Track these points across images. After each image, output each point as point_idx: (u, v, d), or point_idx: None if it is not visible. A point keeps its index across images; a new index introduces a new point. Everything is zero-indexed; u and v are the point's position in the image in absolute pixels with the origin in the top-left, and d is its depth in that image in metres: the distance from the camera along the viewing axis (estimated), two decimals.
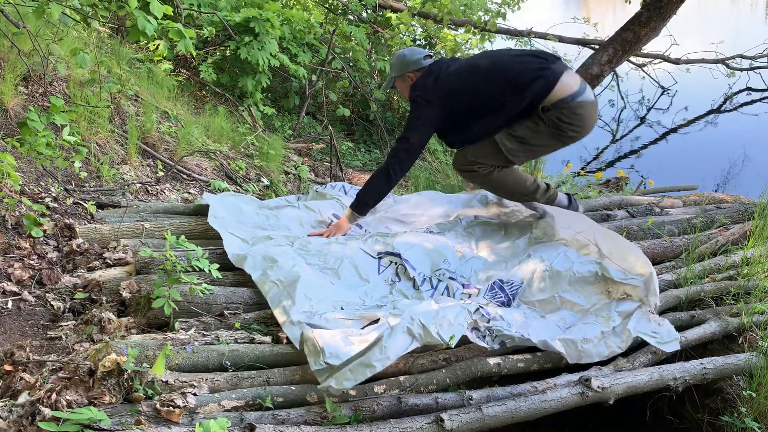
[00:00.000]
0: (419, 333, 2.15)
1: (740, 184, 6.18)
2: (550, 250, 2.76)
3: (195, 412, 1.83)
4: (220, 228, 2.78)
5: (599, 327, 2.40)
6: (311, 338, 2.09)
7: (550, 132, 2.80)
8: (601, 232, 2.81)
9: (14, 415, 1.69)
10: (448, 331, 2.20)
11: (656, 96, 9.18)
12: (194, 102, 5.37)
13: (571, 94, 2.74)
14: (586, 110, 2.78)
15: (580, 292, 2.58)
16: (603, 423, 2.70)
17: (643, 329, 2.39)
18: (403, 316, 2.22)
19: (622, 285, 2.54)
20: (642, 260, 2.61)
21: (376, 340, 2.09)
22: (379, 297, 2.54)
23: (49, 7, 2.20)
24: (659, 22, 6.65)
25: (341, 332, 2.16)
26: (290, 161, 5.09)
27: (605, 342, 2.35)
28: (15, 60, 3.39)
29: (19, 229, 2.68)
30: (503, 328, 2.32)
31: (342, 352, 2.05)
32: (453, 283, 2.63)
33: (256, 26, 5.13)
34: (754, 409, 2.32)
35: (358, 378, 2.00)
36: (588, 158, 7.52)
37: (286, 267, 2.48)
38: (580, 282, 2.60)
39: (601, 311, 2.50)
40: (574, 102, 2.74)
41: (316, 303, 2.35)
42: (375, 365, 2.02)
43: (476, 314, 2.34)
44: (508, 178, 2.95)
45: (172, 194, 3.72)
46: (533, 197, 3.03)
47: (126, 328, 2.20)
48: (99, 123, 3.66)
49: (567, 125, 2.77)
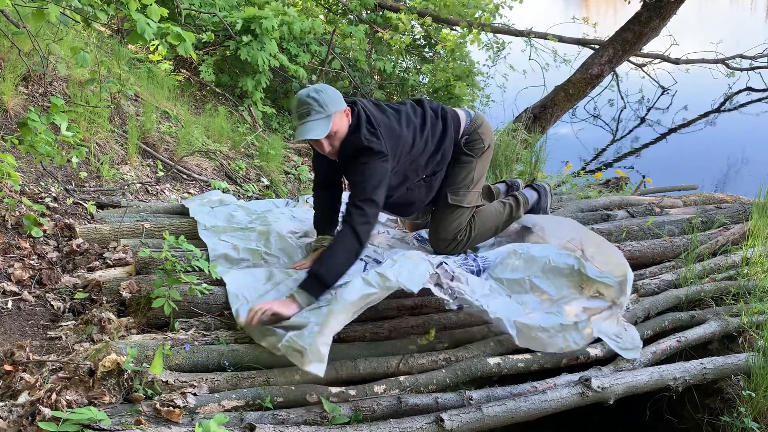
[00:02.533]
0: (376, 281, 2.12)
1: (740, 184, 6.18)
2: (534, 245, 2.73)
3: (195, 412, 1.83)
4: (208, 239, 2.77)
5: (560, 319, 2.34)
6: (289, 346, 2.04)
7: (476, 159, 2.77)
8: (588, 236, 2.76)
9: (14, 415, 1.69)
10: (408, 279, 2.15)
11: (656, 96, 9.18)
12: (194, 102, 5.37)
13: (466, 118, 2.79)
14: (482, 122, 2.84)
15: (552, 281, 2.50)
16: (603, 423, 2.70)
17: (607, 331, 2.36)
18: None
19: (596, 282, 2.46)
20: (621, 262, 2.55)
21: (334, 296, 2.13)
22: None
23: (47, 8, 2.20)
24: (659, 22, 6.66)
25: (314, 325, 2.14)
26: (290, 161, 5.09)
27: (563, 335, 2.30)
28: (15, 60, 3.39)
29: (19, 229, 2.68)
30: (464, 291, 2.28)
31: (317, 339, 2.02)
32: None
33: (256, 26, 5.13)
34: (754, 409, 2.32)
35: (326, 332, 2.00)
36: (588, 158, 7.53)
37: (263, 289, 2.46)
38: (554, 271, 2.52)
39: (568, 304, 2.43)
40: (471, 122, 2.79)
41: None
42: (334, 310, 2.04)
43: (439, 268, 2.28)
44: (486, 223, 2.85)
45: (172, 194, 3.72)
46: (516, 215, 2.97)
47: (126, 328, 2.20)
48: (99, 123, 3.66)
49: (479, 142, 2.78)
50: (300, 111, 2.37)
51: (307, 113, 2.35)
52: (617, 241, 3.03)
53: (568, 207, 3.49)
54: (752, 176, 6.28)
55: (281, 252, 2.79)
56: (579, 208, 3.49)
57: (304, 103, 2.36)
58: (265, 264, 2.71)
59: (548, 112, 7.09)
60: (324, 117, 2.35)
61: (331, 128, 2.37)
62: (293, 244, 2.83)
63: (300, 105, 2.37)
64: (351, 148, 2.42)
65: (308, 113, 2.35)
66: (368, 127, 2.42)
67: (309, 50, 5.96)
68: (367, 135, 2.40)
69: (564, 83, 7.18)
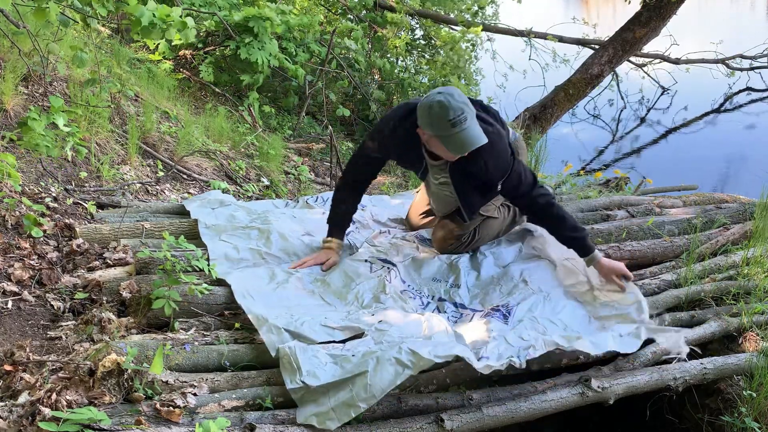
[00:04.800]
0: (410, 360, 1.99)
1: (740, 184, 6.18)
2: (541, 279, 2.67)
3: (195, 412, 1.83)
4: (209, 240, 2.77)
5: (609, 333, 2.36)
6: (287, 354, 2.01)
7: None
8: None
9: (14, 415, 1.69)
10: (444, 352, 2.04)
11: (656, 96, 9.18)
12: (194, 102, 5.37)
13: (512, 134, 2.85)
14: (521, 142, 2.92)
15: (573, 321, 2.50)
16: (603, 423, 2.70)
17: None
18: (388, 340, 2.13)
19: (614, 317, 2.48)
20: (629, 288, 2.57)
21: (360, 374, 1.95)
22: (371, 298, 2.49)
23: (47, 7, 2.20)
24: (659, 22, 6.66)
25: (322, 348, 2.10)
26: (290, 161, 5.09)
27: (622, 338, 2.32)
28: (15, 60, 3.39)
29: (19, 229, 2.68)
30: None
31: (321, 372, 1.96)
32: (444, 305, 2.57)
33: (256, 26, 5.13)
34: (755, 409, 2.32)
35: (342, 419, 1.87)
36: (588, 158, 7.52)
37: (268, 289, 2.45)
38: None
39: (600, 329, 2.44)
40: (515, 140, 2.85)
41: (296, 311, 2.32)
42: (360, 405, 1.89)
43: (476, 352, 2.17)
44: (491, 230, 2.88)
45: (172, 194, 3.72)
46: (519, 221, 3.01)
47: (126, 328, 2.20)
48: (99, 123, 3.66)
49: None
50: (457, 117, 2.31)
51: (465, 119, 2.33)
52: (617, 241, 3.03)
53: (568, 207, 3.49)
54: (752, 176, 6.29)
55: (281, 252, 2.79)
56: (579, 208, 3.49)
57: (458, 109, 2.32)
58: (264, 263, 2.71)
59: (548, 112, 7.09)
60: (473, 118, 2.37)
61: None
62: (294, 244, 2.84)
63: (454, 111, 2.31)
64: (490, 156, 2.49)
65: (466, 118, 2.33)
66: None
67: (309, 50, 5.95)
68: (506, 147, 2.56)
69: (564, 83, 7.18)
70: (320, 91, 6.12)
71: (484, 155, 2.47)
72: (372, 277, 2.60)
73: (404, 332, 2.22)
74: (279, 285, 2.50)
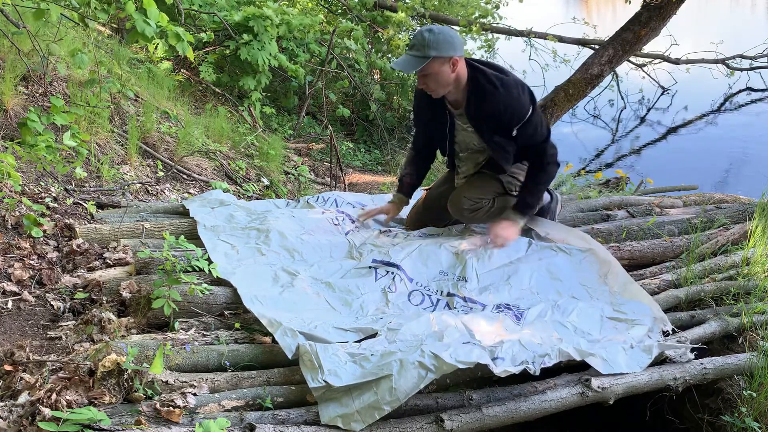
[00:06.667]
0: (433, 364, 2.00)
1: (740, 184, 6.18)
2: (550, 286, 2.66)
3: (195, 412, 1.83)
4: (208, 240, 2.78)
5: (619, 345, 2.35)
6: (308, 352, 2.03)
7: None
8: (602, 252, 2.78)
9: (14, 415, 1.69)
10: (465, 357, 2.06)
11: (656, 96, 9.18)
12: (194, 102, 5.37)
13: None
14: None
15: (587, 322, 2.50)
16: (603, 423, 2.70)
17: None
18: (401, 338, 2.15)
19: (627, 321, 2.48)
20: (647, 299, 2.57)
21: (385, 377, 1.96)
22: (374, 309, 2.47)
23: (48, 8, 2.20)
24: (659, 22, 6.65)
25: (340, 347, 2.11)
26: (290, 161, 5.09)
27: (630, 354, 2.32)
28: (15, 60, 3.39)
29: (19, 229, 2.68)
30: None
31: (342, 372, 1.98)
32: (453, 299, 2.57)
33: (256, 25, 5.13)
34: (755, 409, 2.31)
35: (366, 421, 1.89)
36: (588, 158, 7.52)
37: (275, 293, 2.45)
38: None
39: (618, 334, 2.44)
40: None
41: (306, 315, 2.32)
42: (384, 408, 1.91)
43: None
44: (505, 209, 2.92)
45: (172, 194, 3.72)
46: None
47: (126, 328, 2.20)
48: (99, 123, 3.66)
49: None
50: (411, 41, 2.58)
51: (413, 45, 2.56)
52: (617, 241, 3.03)
53: (568, 207, 3.49)
54: (752, 176, 6.29)
55: (281, 248, 2.79)
56: (579, 208, 3.49)
57: (417, 36, 2.55)
58: (264, 258, 2.71)
59: (548, 112, 7.08)
60: (420, 57, 2.52)
61: (427, 70, 2.54)
62: (293, 242, 2.84)
63: (415, 36, 2.57)
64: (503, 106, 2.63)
65: (414, 45, 2.55)
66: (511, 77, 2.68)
67: (309, 50, 5.96)
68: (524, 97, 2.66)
69: (564, 83, 7.17)
70: (320, 91, 6.12)
71: (500, 98, 2.61)
72: (375, 289, 2.57)
73: (414, 330, 2.24)
74: (284, 288, 2.50)
